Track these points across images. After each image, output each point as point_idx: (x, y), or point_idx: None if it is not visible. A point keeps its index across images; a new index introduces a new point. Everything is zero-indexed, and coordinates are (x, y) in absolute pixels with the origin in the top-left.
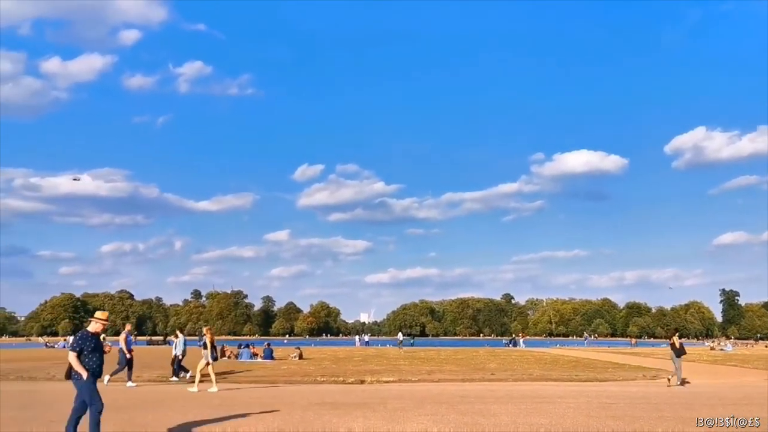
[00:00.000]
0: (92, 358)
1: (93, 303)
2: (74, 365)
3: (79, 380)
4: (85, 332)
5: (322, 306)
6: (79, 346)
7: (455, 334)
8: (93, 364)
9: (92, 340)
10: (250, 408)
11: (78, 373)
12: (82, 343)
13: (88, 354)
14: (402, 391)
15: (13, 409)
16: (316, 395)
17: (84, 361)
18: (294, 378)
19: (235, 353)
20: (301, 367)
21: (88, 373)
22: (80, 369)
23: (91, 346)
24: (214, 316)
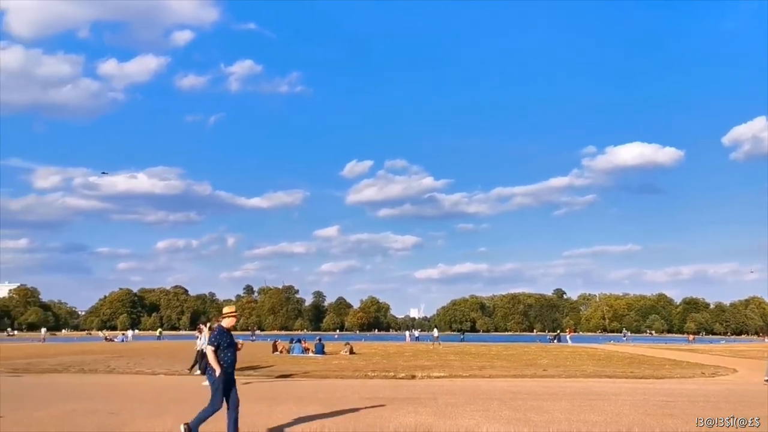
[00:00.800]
0: (227, 354)
1: (149, 298)
2: (211, 360)
3: (212, 375)
4: (221, 328)
5: (372, 301)
6: (216, 341)
7: (506, 330)
8: (228, 359)
9: (228, 336)
10: (302, 401)
11: (213, 368)
12: (219, 339)
13: (223, 350)
14: (453, 386)
15: (75, 400)
16: (367, 390)
17: (219, 356)
18: (345, 373)
19: (286, 348)
20: (352, 362)
21: (222, 369)
22: (216, 365)
23: (226, 342)
24: (266, 311)
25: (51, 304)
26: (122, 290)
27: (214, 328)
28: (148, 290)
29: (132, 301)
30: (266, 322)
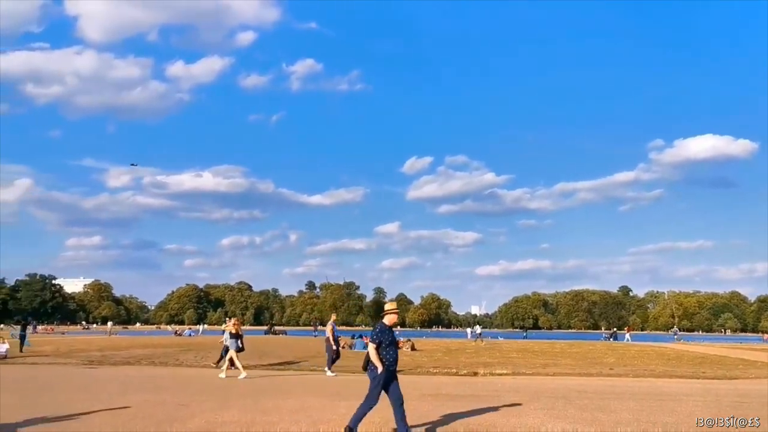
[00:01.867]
0: (389, 352)
1: (214, 294)
2: (372, 357)
3: (373, 372)
4: (382, 325)
5: (432, 298)
6: (378, 339)
7: (569, 328)
8: (390, 357)
9: (390, 334)
10: (362, 397)
11: (374, 365)
12: (381, 336)
13: (385, 347)
14: (516, 384)
15: (146, 392)
16: (429, 386)
17: (381, 354)
18: (407, 369)
19: (349, 343)
20: (414, 358)
21: (384, 367)
22: (377, 362)
23: (388, 339)
24: (327, 306)
25: (123, 298)
26: (189, 286)
27: (379, 324)
28: (213, 286)
29: (198, 296)
30: (328, 317)
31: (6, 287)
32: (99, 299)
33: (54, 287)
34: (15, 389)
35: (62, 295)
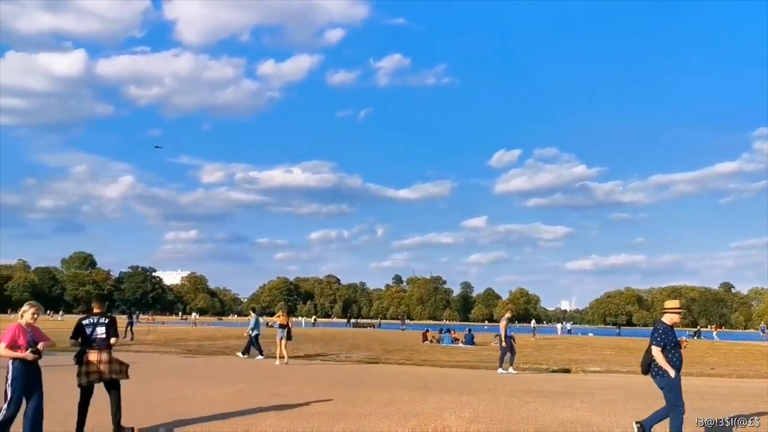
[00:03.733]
0: (675, 354)
1: (304, 287)
2: (661, 362)
3: (665, 377)
4: (664, 325)
5: (521, 293)
6: (663, 341)
7: None
8: (677, 360)
9: (673, 334)
10: (453, 391)
11: (663, 369)
12: (665, 337)
13: (670, 349)
14: (610, 382)
15: (242, 381)
16: (519, 382)
17: (668, 357)
18: (496, 364)
19: (436, 338)
20: None
21: (675, 371)
22: (667, 366)
23: (673, 341)
24: (414, 300)
25: (217, 290)
26: (279, 279)
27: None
28: (303, 279)
29: (288, 289)
30: (415, 311)
31: (112, 279)
32: (195, 291)
33: (154, 279)
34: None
35: (161, 287)
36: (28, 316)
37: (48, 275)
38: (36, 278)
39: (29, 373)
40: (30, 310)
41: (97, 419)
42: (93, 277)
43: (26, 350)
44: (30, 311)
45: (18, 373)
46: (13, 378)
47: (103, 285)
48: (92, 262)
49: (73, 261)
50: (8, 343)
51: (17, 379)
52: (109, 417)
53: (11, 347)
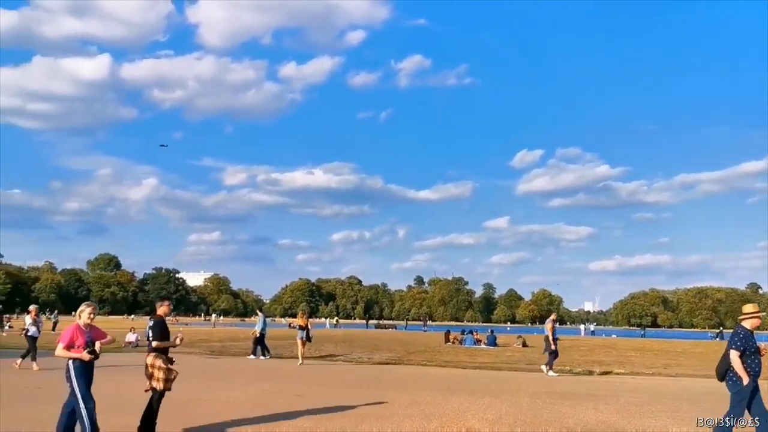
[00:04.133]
0: (754, 360)
1: (326, 288)
2: (737, 367)
3: (737, 383)
4: (745, 329)
5: (543, 293)
6: (742, 345)
7: (692, 326)
8: (755, 366)
9: (753, 340)
10: (476, 393)
11: (737, 375)
12: (745, 342)
13: (749, 355)
14: (635, 384)
15: (265, 381)
16: (542, 383)
17: (746, 363)
18: (518, 365)
19: (458, 339)
20: (525, 354)
21: (750, 378)
22: (743, 372)
23: (753, 347)
24: (436, 301)
25: (240, 291)
26: (302, 280)
27: (740, 329)
28: (324, 280)
29: (310, 290)
30: (437, 312)
31: (136, 280)
32: (218, 292)
33: (177, 280)
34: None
35: (185, 288)
36: (84, 316)
37: (74, 277)
38: (62, 280)
39: (88, 371)
40: (87, 310)
41: (121, 420)
42: (118, 279)
43: (84, 350)
44: (87, 311)
45: (78, 371)
46: (75, 376)
47: (127, 286)
48: (117, 264)
49: (99, 263)
50: (66, 344)
51: (80, 377)
52: (134, 418)
53: (69, 348)
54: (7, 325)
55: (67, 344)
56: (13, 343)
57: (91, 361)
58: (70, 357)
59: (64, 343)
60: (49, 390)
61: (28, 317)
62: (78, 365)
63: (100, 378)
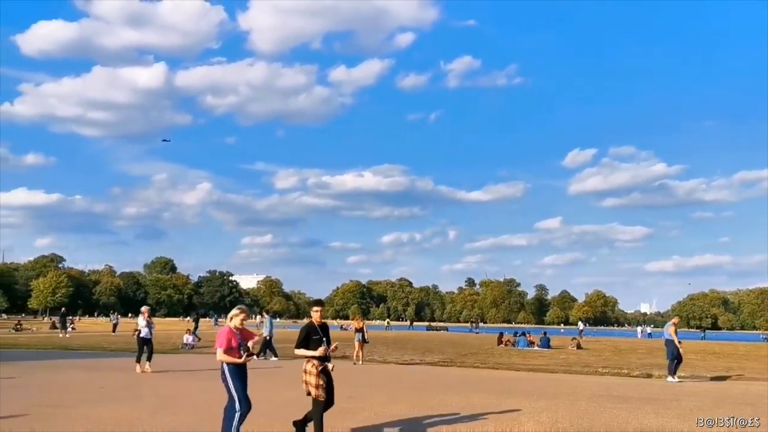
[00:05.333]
0: None
1: (377, 290)
2: None
3: None
4: None
5: (598, 295)
6: None
7: (755, 328)
8: None
9: None
10: (530, 395)
11: None
12: None
13: None
14: (696, 388)
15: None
16: (599, 387)
17: None
18: (573, 368)
19: (511, 341)
20: (580, 357)
21: None
22: None
23: None
24: (488, 303)
25: (292, 293)
26: (352, 282)
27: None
28: (375, 282)
29: (361, 292)
30: (488, 314)
31: (191, 283)
32: (270, 294)
33: (231, 283)
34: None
35: (238, 291)
36: (237, 321)
37: (132, 280)
38: (121, 283)
39: (243, 373)
40: (240, 315)
41: (181, 419)
42: (173, 282)
43: (238, 353)
44: (240, 316)
45: (233, 373)
46: (231, 378)
47: (182, 289)
48: (173, 267)
49: (155, 266)
50: (225, 347)
51: (235, 378)
52: (195, 416)
53: (227, 351)
54: (71, 327)
55: (226, 347)
56: (76, 344)
57: (245, 363)
58: (228, 361)
59: (222, 346)
60: (110, 390)
61: (140, 318)
62: (232, 367)
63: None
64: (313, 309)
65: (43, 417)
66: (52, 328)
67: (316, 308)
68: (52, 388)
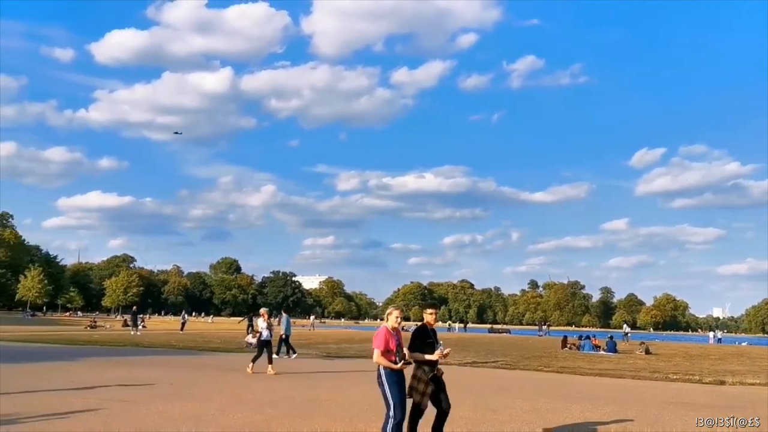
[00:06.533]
0: None
1: (438, 291)
2: None
3: None
4: None
5: (667, 298)
6: None
7: None
8: None
9: None
10: (598, 401)
11: None
12: None
13: None
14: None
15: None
16: (669, 393)
17: None
18: (642, 374)
19: (576, 344)
20: (649, 362)
21: None
22: None
23: None
24: (551, 306)
25: (353, 294)
26: (413, 283)
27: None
28: (436, 284)
29: (422, 293)
30: (552, 317)
31: (255, 283)
32: (332, 295)
33: (294, 284)
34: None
35: (301, 291)
36: (393, 320)
37: (199, 280)
38: (188, 283)
39: (401, 379)
40: (395, 313)
41: (248, 417)
42: (238, 282)
43: (394, 356)
44: (395, 314)
45: (391, 378)
46: (388, 383)
47: (247, 289)
48: (237, 268)
49: (221, 266)
50: (383, 349)
51: (392, 384)
52: (261, 415)
53: (384, 354)
54: (141, 325)
55: (384, 349)
56: (146, 341)
57: (402, 369)
58: (386, 365)
59: (380, 348)
60: (180, 387)
61: (260, 320)
62: (390, 372)
63: None
64: (426, 311)
65: (116, 412)
66: (124, 326)
67: (430, 310)
68: (125, 384)
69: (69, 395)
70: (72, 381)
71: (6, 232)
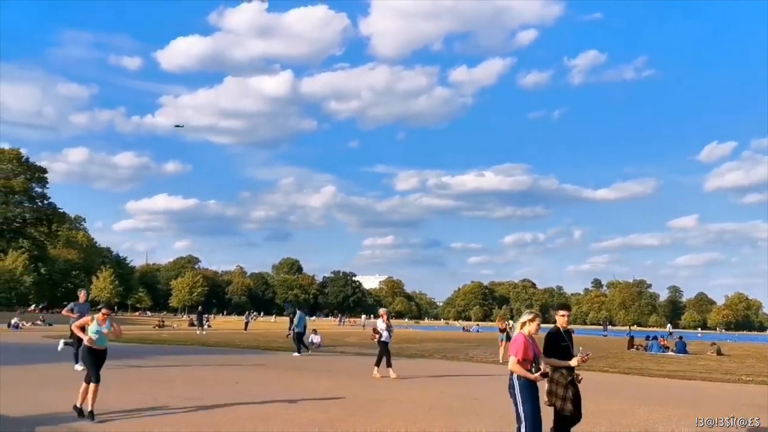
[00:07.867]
0: None
1: (499, 291)
2: None
3: None
4: None
5: (739, 298)
6: None
7: None
8: None
9: None
10: (667, 403)
11: None
12: None
13: None
14: None
15: (443, 384)
16: (742, 396)
17: None
18: (713, 375)
19: (643, 345)
20: (721, 363)
21: None
22: None
23: None
24: (616, 305)
25: (413, 294)
26: (474, 283)
27: None
28: (497, 283)
29: (483, 293)
30: (617, 317)
31: (316, 283)
32: (392, 295)
33: (354, 283)
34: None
35: (361, 291)
36: (532, 327)
37: (261, 280)
38: (251, 283)
39: (535, 392)
40: (536, 321)
41: (311, 416)
42: (300, 282)
43: (531, 365)
44: (536, 322)
45: (525, 390)
46: (521, 395)
47: (308, 289)
48: (299, 268)
49: (283, 266)
50: (521, 357)
51: (527, 397)
52: (326, 415)
53: (522, 363)
54: (207, 324)
55: (522, 357)
56: (212, 341)
57: (537, 381)
58: (522, 374)
59: (518, 356)
60: (245, 385)
61: (380, 321)
62: (524, 383)
63: None
64: (558, 313)
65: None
66: (191, 326)
67: (563, 312)
68: (193, 382)
69: (146, 393)
70: (151, 378)
71: (79, 234)
